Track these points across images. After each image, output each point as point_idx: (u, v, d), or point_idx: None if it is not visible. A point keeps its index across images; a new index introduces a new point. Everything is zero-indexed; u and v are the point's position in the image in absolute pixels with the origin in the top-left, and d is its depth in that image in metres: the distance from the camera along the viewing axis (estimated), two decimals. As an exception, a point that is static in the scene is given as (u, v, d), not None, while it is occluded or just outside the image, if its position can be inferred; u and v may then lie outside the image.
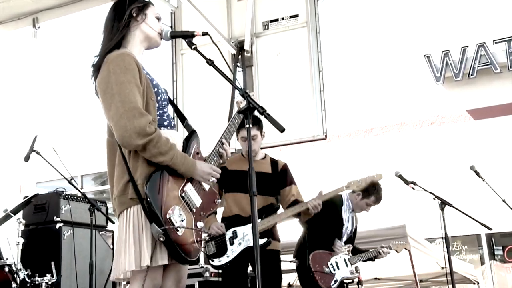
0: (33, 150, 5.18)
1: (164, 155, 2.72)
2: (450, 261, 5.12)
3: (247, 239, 4.46)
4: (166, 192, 2.72)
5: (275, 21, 7.36)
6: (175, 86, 7.68)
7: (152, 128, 2.70)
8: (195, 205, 2.85)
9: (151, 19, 3.00)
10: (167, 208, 2.69)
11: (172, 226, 2.66)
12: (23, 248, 5.22)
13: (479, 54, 13.46)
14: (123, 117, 2.67)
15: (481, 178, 5.57)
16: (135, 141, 2.66)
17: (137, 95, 2.73)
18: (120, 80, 2.73)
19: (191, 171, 2.82)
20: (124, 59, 2.78)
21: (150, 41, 3.02)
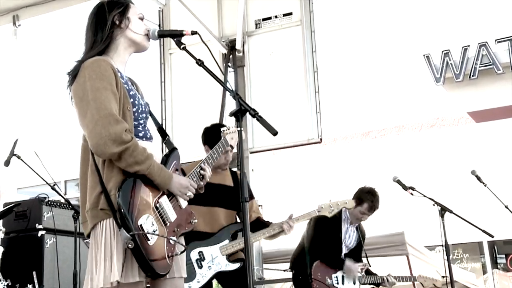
0: (14, 154, 5.16)
1: (140, 164, 2.69)
2: (451, 269, 5.14)
3: (217, 262, 4.39)
4: (139, 200, 2.70)
5: (268, 20, 7.36)
6: (163, 87, 7.67)
7: (128, 136, 2.68)
8: (169, 219, 2.81)
9: (135, 23, 2.96)
10: (139, 215, 2.67)
11: (142, 232, 2.62)
12: (2, 257, 5.20)
13: (481, 54, 13.49)
14: (98, 124, 2.65)
15: (482, 183, 5.60)
16: (110, 149, 2.63)
17: (113, 102, 2.72)
18: (96, 86, 2.71)
19: (167, 183, 2.80)
20: (100, 65, 2.77)
21: (137, 46, 3.00)
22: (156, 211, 2.76)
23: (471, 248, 13.92)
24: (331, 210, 4.87)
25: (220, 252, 4.43)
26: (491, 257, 13.84)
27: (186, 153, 7.11)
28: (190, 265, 4.37)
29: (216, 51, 7.23)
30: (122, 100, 2.79)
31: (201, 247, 4.45)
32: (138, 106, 2.90)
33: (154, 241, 2.68)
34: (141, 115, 2.91)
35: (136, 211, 2.66)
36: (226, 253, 4.43)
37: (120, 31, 2.94)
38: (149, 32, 3.01)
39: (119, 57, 2.96)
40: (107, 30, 2.90)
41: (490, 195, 5.57)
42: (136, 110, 2.88)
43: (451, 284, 5.12)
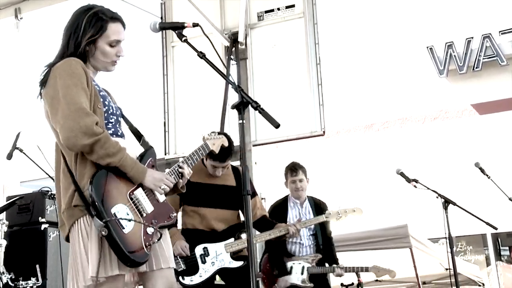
0: (16, 147, 5.16)
1: (112, 156, 2.72)
2: (454, 262, 5.14)
3: (221, 259, 4.41)
4: (113, 190, 2.73)
5: (270, 12, 7.35)
6: (166, 80, 7.67)
7: (99, 129, 2.72)
8: (146, 210, 2.82)
9: (102, 50, 2.94)
10: (112, 203, 2.69)
11: (115, 218, 2.64)
12: (6, 251, 5.21)
13: (485, 45, 13.46)
14: (69, 118, 2.69)
15: (486, 176, 5.60)
16: (81, 140, 2.66)
17: (84, 97, 2.75)
18: (66, 84, 2.75)
19: (141, 177, 2.82)
20: (70, 64, 2.81)
21: (101, 67, 3.01)
22: (131, 202, 2.78)
23: (474, 240, 13.91)
24: (338, 216, 4.90)
25: (225, 249, 4.45)
26: (495, 250, 13.83)
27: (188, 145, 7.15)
28: (194, 260, 4.40)
29: (218, 44, 7.22)
30: (93, 98, 2.83)
31: (206, 244, 4.47)
32: (109, 107, 2.93)
33: (129, 229, 2.68)
34: (111, 115, 2.94)
35: (109, 200, 2.68)
36: (230, 251, 4.44)
37: (89, 53, 2.94)
38: (118, 57, 2.99)
39: (89, 68, 2.97)
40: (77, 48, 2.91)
41: (494, 187, 5.57)
42: (106, 110, 2.91)
43: (455, 276, 5.12)
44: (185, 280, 4.36)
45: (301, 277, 5.19)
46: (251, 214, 2.81)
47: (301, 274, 5.20)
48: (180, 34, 3.00)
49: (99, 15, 2.93)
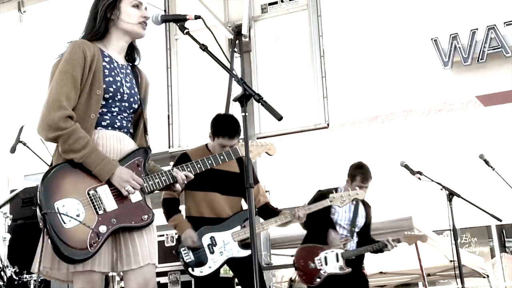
0: (20, 141, 5.16)
1: (75, 152, 2.74)
2: (459, 254, 5.13)
3: (229, 248, 4.39)
4: (68, 184, 2.73)
5: (274, 4, 7.32)
6: (170, 73, 7.65)
7: (66, 124, 2.74)
8: (104, 208, 2.77)
9: (126, 12, 2.97)
10: (58, 196, 2.69)
11: (54, 212, 2.62)
12: (10, 244, 5.22)
13: (489, 37, 13.41)
14: (44, 106, 2.78)
15: (491, 167, 5.58)
16: (46, 133, 2.75)
17: (67, 87, 2.79)
18: (60, 69, 2.82)
19: (106, 175, 2.79)
20: (72, 49, 2.85)
21: (130, 34, 3.02)
22: (87, 197, 2.75)
23: (479, 232, 13.91)
24: (342, 200, 4.87)
25: (232, 238, 4.43)
26: (500, 241, 13.84)
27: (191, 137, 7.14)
28: (202, 250, 4.37)
29: (222, 36, 7.20)
30: (90, 83, 2.84)
31: (213, 233, 4.44)
32: (115, 93, 2.92)
33: (72, 225, 2.66)
34: (117, 102, 2.94)
35: (56, 194, 2.69)
36: (238, 239, 4.42)
37: (112, 23, 2.97)
38: (145, 19, 2.99)
39: (112, 45, 3.00)
40: (99, 23, 2.95)
41: (499, 179, 5.55)
42: (110, 97, 2.90)
43: (459, 268, 5.11)
44: (195, 271, 4.33)
45: (337, 265, 5.23)
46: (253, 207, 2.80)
47: (336, 261, 5.24)
48: (182, 27, 2.99)
49: None
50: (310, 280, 5.23)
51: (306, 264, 5.26)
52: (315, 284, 5.20)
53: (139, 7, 3.00)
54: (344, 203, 4.89)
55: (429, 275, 10.11)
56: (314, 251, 5.30)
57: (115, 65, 2.96)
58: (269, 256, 6.95)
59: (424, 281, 7.49)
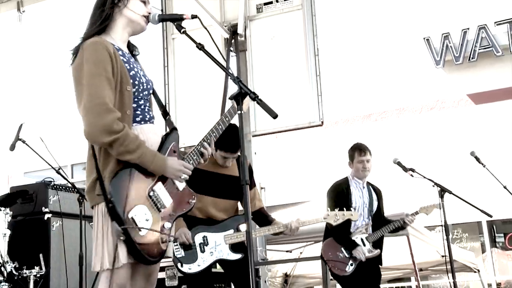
0: (19, 139, 5.14)
1: (131, 153, 2.70)
2: (450, 249, 5.15)
3: (220, 250, 4.38)
4: (132, 191, 2.71)
5: (269, 4, 7.31)
6: (167, 72, 7.64)
7: (119, 126, 2.69)
8: (164, 205, 2.82)
9: (134, 3, 2.97)
10: (130, 207, 2.68)
11: (133, 226, 2.65)
12: (10, 240, 5.20)
13: (480, 36, 13.38)
14: (90, 113, 2.68)
15: (481, 164, 5.60)
16: (101, 138, 2.66)
17: (106, 89, 2.72)
18: (91, 72, 2.72)
19: (161, 169, 2.80)
20: (97, 49, 2.77)
21: (133, 25, 2.99)
22: (149, 200, 2.77)
23: (470, 227, 13.93)
24: (336, 219, 4.85)
25: (224, 241, 4.42)
26: (490, 236, 13.86)
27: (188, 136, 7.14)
28: (193, 247, 4.37)
29: (218, 36, 7.18)
30: (120, 81, 2.79)
31: (206, 232, 4.43)
32: (139, 85, 2.90)
33: (145, 232, 2.70)
34: (141, 93, 2.91)
35: (128, 204, 2.67)
36: (229, 242, 4.41)
37: (118, 10, 2.94)
38: (148, 15, 2.99)
39: (119, 35, 2.96)
40: (107, 8, 2.91)
41: (489, 175, 5.57)
42: (136, 89, 2.87)
43: (451, 263, 5.13)
44: (184, 267, 4.33)
45: (365, 248, 5.27)
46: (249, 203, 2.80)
47: (363, 246, 5.28)
48: (179, 26, 2.98)
49: None
50: (344, 268, 5.25)
51: (336, 255, 5.29)
52: (349, 271, 5.24)
53: (145, 4, 3.00)
54: (337, 222, 4.85)
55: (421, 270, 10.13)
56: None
57: (127, 57, 2.93)
58: (265, 251, 6.95)
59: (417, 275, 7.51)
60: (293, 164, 13.88)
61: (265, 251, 6.94)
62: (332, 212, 4.85)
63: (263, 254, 6.86)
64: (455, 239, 13.83)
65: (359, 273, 5.28)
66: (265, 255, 6.90)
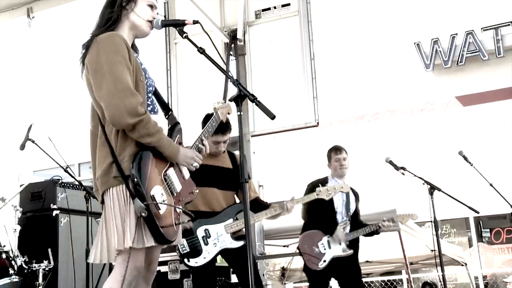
0: (29, 138, 5.13)
1: (151, 136, 2.71)
2: (439, 244, 5.15)
3: (223, 239, 4.37)
4: (152, 172, 2.72)
5: (267, 10, 7.31)
6: (169, 75, 7.64)
7: (142, 110, 2.70)
8: (176, 189, 2.85)
9: (141, 8, 2.96)
10: (151, 186, 2.69)
11: (155, 202, 2.66)
12: (20, 235, 5.20)
13: (468, 41, 13.42)
14: (116, 96, 2.66)
15: (469, 163, 5.60)
16: (126, 119, 2.65)
17: (128, 76, 2.72)
18: (111, 61, 2.71)
19: (175, 155, 2.82)
20: (114, 40, 2.78)
21: (137, 29, 2.99)
22: (164, 183, 2.79)
23: (458, 223, 13.92)
24: (328, 193, 4.88)
25: (225, 230, 4.41)
26: (477, 232, 13.86)
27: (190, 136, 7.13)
28: (196, 241, 4.35)
29: (218, 41, 7.18)
30: (135, 72, 2.80)
31: (207, 225, 4.41)
32: (148, 79, 2.92)
33: (164, 210, 2.71)
34: (149, 88, 2.93)
35: (148, 183, 2.68)
36: (230, 231, 4.41)
37: (125, 12, 2.95)
38: (153, 20, 2.99)
39: (125, 35, 2.95)
40: (115, 11, 2.91)
41: (476, 174, 5.57)
42: (146, 82, 2.89)
43: (440, 257, 5.13)
44: (190, 262, 4.32)
45: (340, 248, 5.23)
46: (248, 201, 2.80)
47: (339, 244, 5.23)
48: (181, 31, 2.98)
49: None
50: (317, 263, 5.20)
51: (311, 249, 5.24)
52: (321, 267, 5.19)
53: (152, 9, 3.00)
54: (330, 196, 4.91)
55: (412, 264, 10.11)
56: (316, 236, 5.28)
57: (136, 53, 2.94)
58: (263, 246, 6.95)
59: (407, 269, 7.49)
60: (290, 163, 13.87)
61: (263, 246, 6.94)
62: (323, 188, 4.87)
63: (261, 249, 6.86)
64: (444, 234, 13.83)
65: (329, 271, 5.24)
66: (263, 250, 6.89)
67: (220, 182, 4.54)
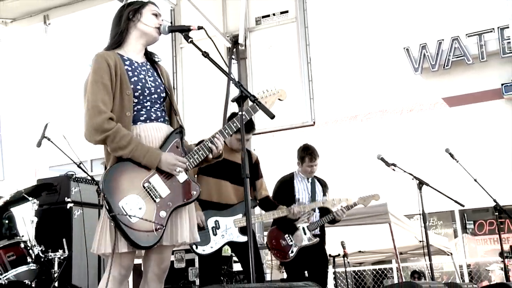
0: (45, 136, 5.11)
1: (123, 149, 2.68)
2: (427, 235, 5.15)
3: (230, 233, 4.35)
4: (125, 182, 2.68)
5: (266, 17, 7.31)
6: (175, 78, 7.65)
7: (110, 125, 2.68)
8: (160, 195, 2.75)
9: (147, 17, 2.95)
10: (120, 196, 2.65)
11: (121, 214, 2.61)
12: (37, 226, 5.18)
13: (453, 46, 13.44)
14: (86, 115, 2.71)
15: (455, 160, 5.58)
16: (94, 136, 2.69)
17: (100, 94, 2.73)
18: (91, 79, 2.76)
19: (153, 164, 2.74)
20: (96, 60, 2.80)
21: (147, 36, 2.97)
22: (144, 190, 2.72)
23: (444, 216, 13.93)
24: (333, 203, 4.88)
25: (234, 224, 4.38)
26: (461, 224, 13.86)
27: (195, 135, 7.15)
28: (206, 231, 4.30)
29: (221, 45, 7.18)
30: (120, 86, 2.79)
31: (218, 217, 4.39)
32: (143, 90, 2.86)
33: (137, 219, 2.65)
34: (147, 97, 2.88)
35: (118, 194, 2.65)
36: (238, 226, 4.37)
37: (132, 24, 2.94)
38: (160, 26, 2.97)
39: (131, 46, 2.95)
40: (122, 24, 2.92)
41: (462, 170, 5.56)
42: (140, 93, 2.85)
43: (427, 247, 5.12)
44: (198, 249, 4.27)
45: (306, 237, 5.11)
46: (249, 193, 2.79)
47: (304, 234, 5.12)
48: (187, 36, 2.96)
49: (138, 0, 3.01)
50: (285, 255, 5.08)
51: (278, 243, 5.12)
52: (289, 258, 5.07)
53: (157, 17, 2.98)
54: (334, 206, 4.89)
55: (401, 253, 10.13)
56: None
57: (135, 65, 2.91)
58: (262, 237, 6.94)
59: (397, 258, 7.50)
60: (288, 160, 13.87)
61: (263, 237, 6.93)
62: (329, 199, 4.91)
63: (261, 239, 6.85)
64: (431, 226, 13.83)
65: (301, 258, 5.09)
66: (263, 241, 6.89)
67: (234, 177, 4.48)
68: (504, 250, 6.13)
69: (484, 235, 13.63)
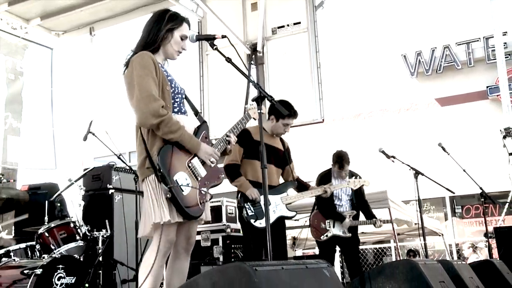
0: (90, 132, 5.14)
1: (173, 133, 2.69)
2: (422, 218, 5.11)
3: (280, 208, 4.25)
4: (175, 161, 2.71)
5: (281, 27, 7.29)
6: (202, 81, 7.65)
7: (164, 111, 2.69)
8: (200, 174, 2.80)
9: (176, 40, 2.91)
10: (174, 172, 2.68)
11: (176, 185, 2.63)
12: (84, 209, 5.24)
13: (445, 53, 13.44)
14: (141, 102, 2.67)
15: (446, 153, 5.55)
16: (150, 120, 2.66)
17: (152, 85, 2.71)
18: (139, 74, 2.72)
19: (196, 149, 2.78)
20: (143, 57, 2.78)
21: (168, 56, 2.96)
22: (189, 169, 2.76)
23: (436, 201, 13.79)
24: (355, 184, 4.83)
25: (282, 201, 4.30)
26: (451, 208, 13.74)
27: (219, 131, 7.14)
28: (259, 208, 4.12)
29: (242, 52, 7.17)
30: (162, 82, 2.79)
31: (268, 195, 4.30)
32: (175, 88, 2.89)
33: (187, 191, 2.68)
34: (177, 95, 2.89)
35: (172, 170, 2.67)
36: (286, 203, 4.29)
37: (163, 42, 2.91)
38: (181, 50, 2.96)
39: (160, 55, 2.94)
40: (158, 38, 2.88)
41: (452, 161, 5.51)
42: (173, 91, 2.86)
43: (422, 229, 5.07)
44: (256, 223, 4.08)
45: (341, 230, 5.19)
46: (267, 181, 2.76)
47: (341, 227, 5.20)
48: (212, 44, 2.93)
49: (177, 15, 2.94)
50: (319, 235, 5.20)
51: (319, 224, 5.23)
52: (322, 239, 5.19)
53: (183, 40, 2.94)
54: (356, 186, 4.86)
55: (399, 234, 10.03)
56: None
57: (165, 68, 2.92)
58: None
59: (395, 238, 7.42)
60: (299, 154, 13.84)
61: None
62: (352, 179, 4.85)
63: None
64: (425, 210, 13.69)
65: (332, 243, 5.21)
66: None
67: (276, 161, 4.40)
68: (488, 231, 6.16)
69: (470, 218, 13.48)
